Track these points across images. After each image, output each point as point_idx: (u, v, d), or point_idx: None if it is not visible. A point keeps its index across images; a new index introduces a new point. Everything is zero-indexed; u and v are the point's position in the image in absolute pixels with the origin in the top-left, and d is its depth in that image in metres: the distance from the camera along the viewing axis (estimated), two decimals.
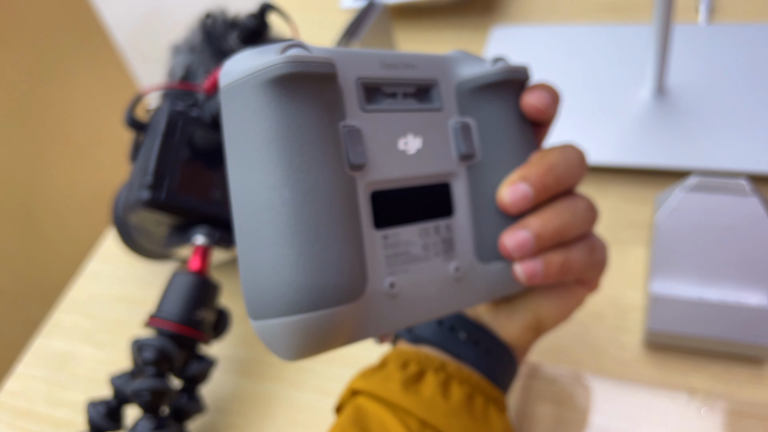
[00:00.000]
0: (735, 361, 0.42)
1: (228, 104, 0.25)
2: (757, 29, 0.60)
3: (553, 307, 0.34)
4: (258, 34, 0.50)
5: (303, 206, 0.24)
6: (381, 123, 0.28)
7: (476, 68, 0.31)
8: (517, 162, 0.31)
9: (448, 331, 0.34)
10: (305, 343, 0.25)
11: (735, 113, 0.53)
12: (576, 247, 0.31)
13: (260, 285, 0.24)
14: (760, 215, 0.41)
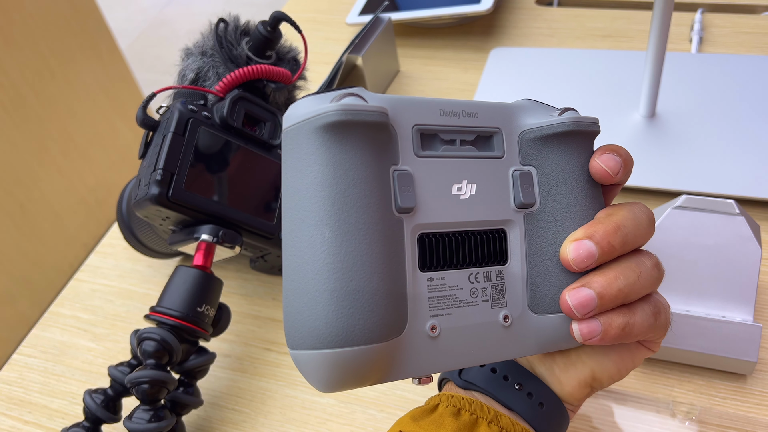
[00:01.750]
0: (719, 376, 0.44)
1: (287, 145, 0.27)
2: (745, 60, 0.63)
3: (611, 366, 0.32)
4: (269, 42, 0.52)
5: (342, 245, 0.25)
6: (435, 168, 0.29)
7: (542, 117, 0.31)
8: (581, 216, 0.30)
9: (502, 380, 0.33)
10: (336, 377, 0.26)
11: (723, 139, 0.56)
12: (640, 309, 0.30)
13: (297, 316, 0.26)
14: (746, 234, 0.43)
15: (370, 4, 0.77)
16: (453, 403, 0.32)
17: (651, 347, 0.33)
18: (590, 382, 0.33)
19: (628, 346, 0.33)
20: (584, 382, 0.33)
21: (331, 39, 0.80)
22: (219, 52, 0.50)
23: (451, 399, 0.32)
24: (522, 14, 0.77)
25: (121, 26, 2.60)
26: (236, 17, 0.53)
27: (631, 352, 0.33)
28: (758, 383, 0.43)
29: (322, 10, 0.86)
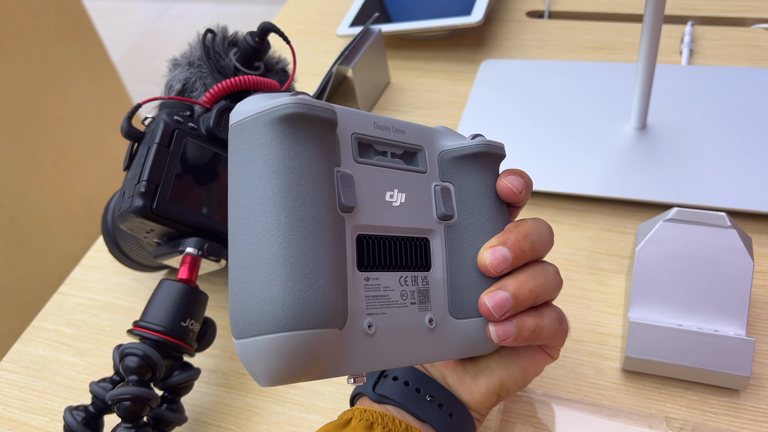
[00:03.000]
0: (712, 391, 0.43)
1: (236, 138, 0.28)
2: (735, 72, 0.62)
3: (518, 373, 0.35)
4: (257, 53, 0.51)
5: (297, 231, 0.26)
6: (371, 175, 0.31)
7: (457, 141, 0.34)
8: (493, 228, 0.34)
9: (415, 392, 0.34)
10: (284, 364, 0.26)
11: (714, 151, 0.55)
12: (547, 314, 0.33)
13: (249, 302, 0.26)
14: (737, 247, 0.43)
15: (360, 15, 0.77)
16: (366, 417, 0.33)
17: (552, 354, 0.36)
18: (498, 390, 0.35)
19: (533, 353, 0.36)
20: (493, 389, 0.35)
21: (321, 50, 0.79)
22: (206, 62, 0.50)
23: (364, 413, 0.33)
24: (513, 26, 0.77)
25: (114, 37, 2.60)
26: (224, 28, 0.52)
27: (535, 359, 0.36)
28: (752, 398, 0.42)
29: (313, 21, 0.85)
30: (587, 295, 0.50)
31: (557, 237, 0.54)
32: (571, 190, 0.55)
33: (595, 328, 0.48)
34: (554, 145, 0.59)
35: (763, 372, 0.44)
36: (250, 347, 0.26)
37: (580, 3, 0.79)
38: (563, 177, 0.56)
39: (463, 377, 0.35)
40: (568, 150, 0.58)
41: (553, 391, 0.45)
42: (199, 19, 2.62)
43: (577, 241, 0.53)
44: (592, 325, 0.48)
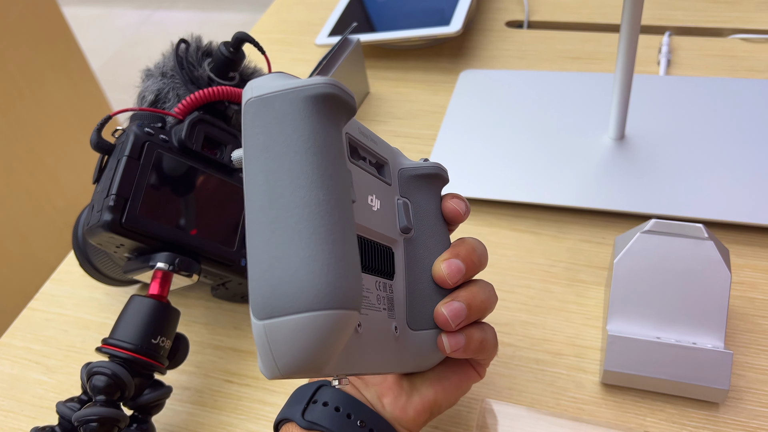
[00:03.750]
0: (691, 404, 0.43)
1: (260, 111, 0.26)
2: (713, 82, 0.63)
3: (452, 390, 0.36)
4: (232, 63, 0.50)
5: (335, 209, 0.26)
6: (358, 176, 0.31)
7: (409, 161, 0.37)
8: (443, 243, 0.35)
9: (345, 418, 0.34)
10: (312, 347, 0.24)
11: (691, 161, 0.55)
12: (488, 329, 0.35)
13: (284, 279, 0.24)
14: (715, 259, 0.42)
15: (340, 25, 0.77)
16: None
17: (480, 372, 0.38)
18: (431, 407, 0.36)
19: (465, 371, 0.37)
20: (428, 407, 0.36)
21: (300, 60, 0.79)
22: (179, 73, 0.49)
23: None
24: (492, 36, 0.77)
25: (95, 45, 2.58)
26: (198, 38, 0.52)
27: (467, 376, 0.37)
28: (731, 411, 0.42)
29: (293, 30, 0.85)
30: (566, 308, 0.49)
31: (536, 248, 0.53)
32: (549, 201, 0.55)
33: (575, 341, 0.47)
34: (533, 156, 0.58)
35: (742, 384, 0.43)
36: (281, 327, 0.24)
37: (559, 13, 0.79)
38: (542, 188, 0.56)
39: (399, 395, 0.35)
40: (547, 160, 0.58)
41: (533, 406, 0.44)
42: (181, 28, 2.61)
43: (556, 253, 0.53)
44: (572, 338, 0.47)
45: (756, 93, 0.60)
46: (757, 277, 0.49)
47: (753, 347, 0.45)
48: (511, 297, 0.50)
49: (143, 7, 2.83)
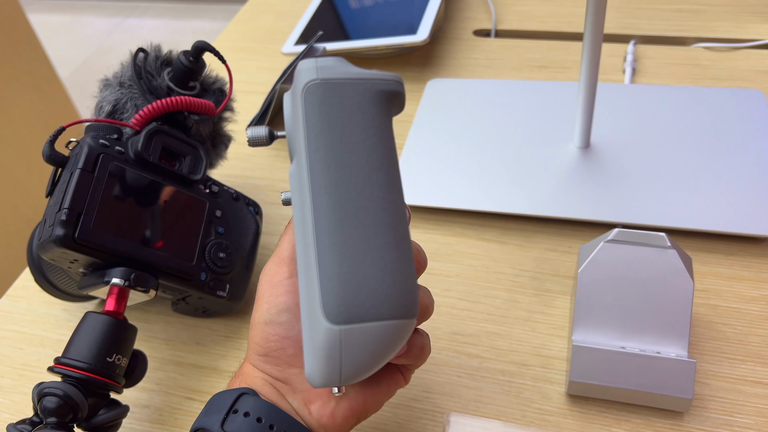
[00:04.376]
0: (656, 413, 0.43)
1: (329, 98, 0.25)
2: (677, 91, 0.63)
3: (380, 394, 0.36)
4: (192, 73, 0.49)
5: (403, 215, 0.25)
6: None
7: None
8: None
9: (268, 429, 0.32)
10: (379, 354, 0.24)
11: (655, 169, 0.55)
12: (425, 334, 0.35)
13: (365, 286, 0.23)
14: (678, 268, 0.42)
15: (307, 33, 0.76)
16: None
17: (407, 377, 0.37)
18: (359, 413, 0.35)
19: (393, 375, 0.36)
20: (355, 412, 0.35)
21: (266, 68, 0.78)
22: (137, 83, 0.48)
23: None
24: (459, 45, 0.77)
25: (64, 53, 2.54)
26: (157, 47, 0.51)
27: (394, 380, 0.36)
28: (695, 420, 0.42)
29: (260, 39, 0.84)
30: (532, 317, 0.49)
31: (503, 257, 0.53)
32: (515, 210, 0.54)
33: (541, 351, 0.47)
34: (499, 165, 0.58)
35: (706, 393, 0.43)
36: (359, 333, 0.24)
37: (526, 22, 0.79)
38: (508, 197, 0.55)
39: (328, 401, 0.34)
40: (514, 169, 0.58)
41: (499, 418, 0.44)
42: (152, 36, 2.58)
43: (523, 262, 0.53)
44: (538, 348, 0.47)
45: (718, 101, 0.61)
46: (720, 285, 0.49)
47: (717, 355, 0.45)
48: (477, 307, 0.50)
49: (114, 14, 2.80)
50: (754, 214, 0.51)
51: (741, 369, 0.44)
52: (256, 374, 0.35)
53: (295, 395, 0.35)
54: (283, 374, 0.35)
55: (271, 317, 0.34)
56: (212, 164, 0.55)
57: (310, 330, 0.24)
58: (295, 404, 0.35)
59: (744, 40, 0.71)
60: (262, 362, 0.35)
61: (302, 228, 0.25)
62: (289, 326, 0.34)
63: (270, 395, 0.34)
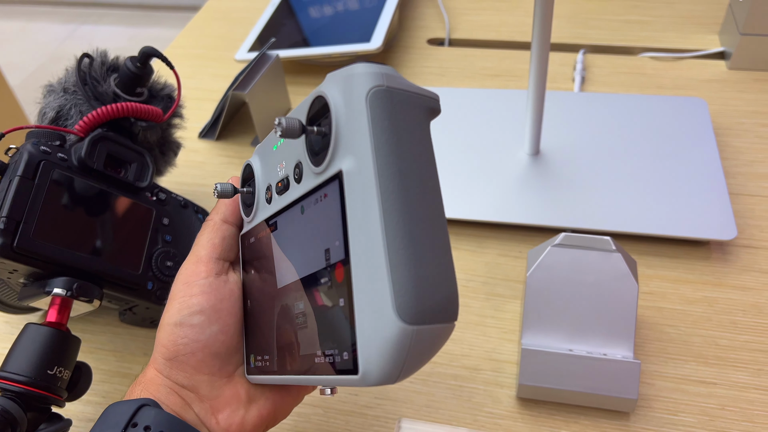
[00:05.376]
0: (603, 414, 0.43)
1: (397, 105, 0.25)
2: (624, 99, 0.65)
3: (291, 401, 0.35)
4: (139, 79, 0.49)
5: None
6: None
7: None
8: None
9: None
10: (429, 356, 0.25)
11: (602, 175, 0.57)
12: None
13: (440, 287, 0.24)
14: (623, 271, 0.43)
15: (262, 41, 0.75)
16: None
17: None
18: (267, 421, 0.34)
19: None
20: (265, 419, 0.34)
21: (220, 75, 0.77)
22: (82, 89, 0.47)
23: None
24: (413, 53, 0.78)
25: (15, 61, 2.47)
26: (103, 52, 0.50)
27: (304, 388, 0.36)
28: (641, 420, 0.43)
29: (214, 46, 0.83)
30: (484, 322, 0.49)
31: (455, 263, 0.53)
32: (468, 216, 0.55)
33: (492, 356, 0.47)
34: (452, 172, 0.59)
35: (651, 393, 0.44)
36: (428, 334, 0.24)
37: (479, 31, 0.80)
38: (461, 203, 0.56)
39: (237, 409, 0.33)
40: (466, 176, 0.58)
41: (450, 422, 0.44)
42: (108, 43, 2.53)
43: (474, 267, 0.53)
44: (489, 353, 0.47)
45: (663, 109, 0.63)
46: (664, 287, 0.50)
47: (661, 356, 0.46)
48: None
49: (68, 21, 2.74)
50: (696, 218, 0.52)
51: (684, 369, 0.45)
52: (160, 381, 0.33)
53: (201, 404, 0.33)
54: (190, 381, 0.33)
55: (182, 318, 0.32)
56: (161, 171, 0.54)
57: (373, 329, 0.24)
58: (201, 414, 0.33)
59: (688, 50, 0.73)
60: (168, 367, 0.33)
61: (363, 226, 0.25)
62: (201, 329, 0.32)
63: (174, 405, 0.32)
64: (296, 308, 0.29)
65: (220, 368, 0.33)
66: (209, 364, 0.33)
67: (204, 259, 0.34)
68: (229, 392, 0.34)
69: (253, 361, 0.34)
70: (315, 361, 0.27)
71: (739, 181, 0.58)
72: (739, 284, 0.50)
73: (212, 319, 0.33)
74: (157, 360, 0.33)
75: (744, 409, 0.43)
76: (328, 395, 0.28)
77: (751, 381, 0.44)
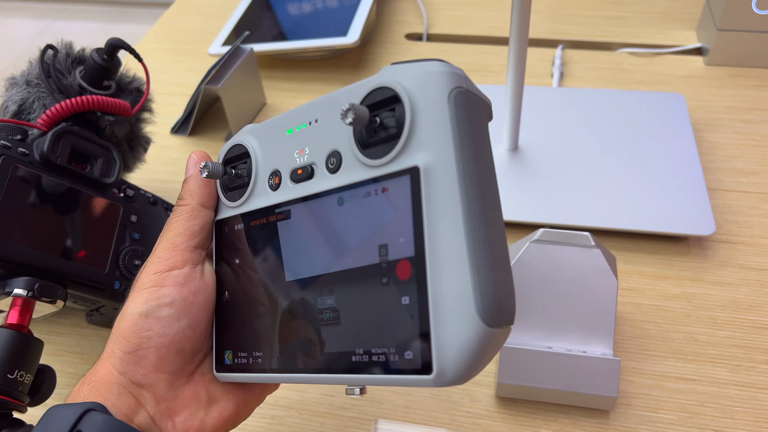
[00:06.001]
0: (583, 413, 0.43)
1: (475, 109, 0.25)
2: (602, 94, 0.64)
3: (253, 401, 0.33)
4: (106, 72, 0.47)
5: None
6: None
7: None
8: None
9: None
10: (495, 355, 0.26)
11: (581, 170, 0.56)
12: None
13: (510, 291, 0.24)
14: (602, 267, 0.43)
15: (235, 34, 0.74)
16: None
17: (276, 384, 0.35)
18: (228, 423, 0.32)
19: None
20: (225, 421, 0.32)
21: (193, 70, 0.75)
22: (45, 81, 0.45)
23: None
24: (391, 48, 0.77)
25: None
26: (69, 44, 0.48)
27: (267, 387, 0.34)
28: (621, 418, 0.42)
29: (187, 40, 0.81)
30: None
31: None
32: None
33: None
34: None
35: (631, 390, 0.44)
36: (501, 336, 0.24)
37: (458, 26, 0.80)
38: None
39: (197, 411, 0.31)
40: None
41: (427, 423, 0.43)
42: (81, 39, 2.48)
43: None
44: None
45: (642, 104, 0.62)
46: (644, 284, 0.50)
47: (641, 353, 0.46)
48: None
49: (41, 17, 2.69)
50: (675, 213, 0.52)
51: (664, 366, 0.45)
52: (113, 379, 0.30)
53: (157, 405, 0.30)
54: (148, 379, 0.30)
55: (149, 309, 0.30)
56: (129, 167, 0.52)
57: (453, 330, 0.23)
58: (156, 416, 0.30)
59: (666, 45, 0.73)
60: (125, 362, 0.30)
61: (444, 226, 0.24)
62: (169, 323, 0.30)
63: (125, 408, 0.29)
64: (320, 303, 0.27)
65: (182, 366, 0.31)
66: (171, 362, 0.30)
67: (180, 247, 0.31)
68: (188, 393, 0.31)
69: (230, 359, 0.32)
70: (352, 359, 0.26)
71: (717, 176, 0.57)
72: (718, 280, 0.50)
73: (182, 313, 0.31)
74: (114, 353, 0.30)
75: (723, 405, 0.43)
76: (356, 396, 0.27)
77: (730, 377, 0.44)
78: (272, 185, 0.31)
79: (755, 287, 0.49)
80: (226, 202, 0.33)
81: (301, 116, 0.30)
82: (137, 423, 0.29)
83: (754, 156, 0.59)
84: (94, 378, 0.30)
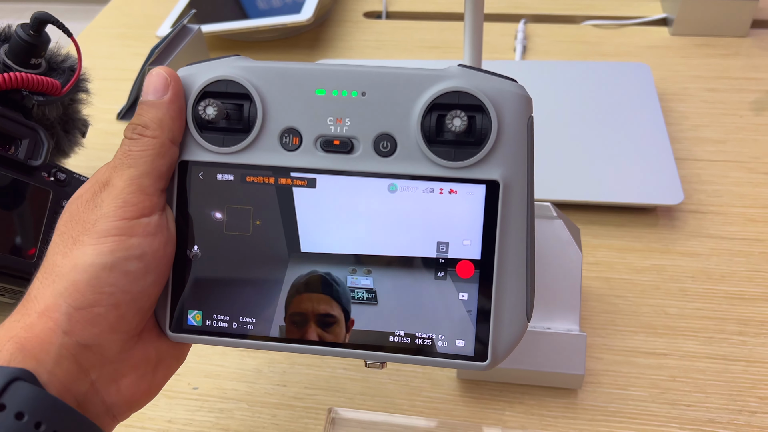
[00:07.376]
0: (549, 393, 0.41)
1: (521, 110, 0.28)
2: (564, 65, 0.62)
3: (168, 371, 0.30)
4: (33, 48, 0.44)
5: None
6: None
7: None
8: None
9: (34, 428, 0.23)
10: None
11: (543, 143, 0.54)
12: None
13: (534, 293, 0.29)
14: (565, 238, 0.41)
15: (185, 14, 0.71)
16: None
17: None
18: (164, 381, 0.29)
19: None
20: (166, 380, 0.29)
21: (141, 54, 0.72)
22: None
23: None
24: (349, 27, 0.74)
25: None
26: None
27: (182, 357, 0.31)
28: (589, 397, 0.40)
29: (137, 24, 0.78)
30: None
31: None
32: None
33: None
34: None
35: (599, 367, 0.42)
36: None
37: (417, 3, 0.77)
38: None
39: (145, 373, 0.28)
40: None
41: (386, 410, 0.40)
42: None
43: None
44: None
45: (607, 75, 0.60)
46: (611, 257, 0.48)
47: (609, 328, 0.44)
48: None
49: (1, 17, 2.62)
50: (642, 184, 0.50)
51: (633, 341, 0.43)
52: (54, 339, 0.24)
53: (103, 368, 0.26)
54: (98, 340, 0.26)
55: (115, 261, 0.25)
56: (65, 152, 0.49)
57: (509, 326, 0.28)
58: (99, 381, 0.26)
59: (631, 17, 0.71)
60: (74, 319, 0.25)
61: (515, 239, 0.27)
62: (134, 279, 0.26)
63: (63, 375, 0.25)
64: (353, 282, 0.28)
65: (137, 326, 0.27)
66: (129, 321, 0.26)
67: (149, 190, 0.26)
68: (139, 354, 0.28)
69: (196, 319, 0.29)
70: (389, 339, 0.28)
71: (685, 146, 0.56)
72: (688, 250, 0.48)
73: (150, 267, 0.26)
74: (59, 307, 0.25)
75: (696, 379, 0.41)
76: (378, 369, 0.30)
77: (702, 350, 0.42)
78: (287, 144, 0.28)
79: (726, 257, 0.47)
80: (204, 144, 0.28)
81: (340, 81, 0.27)
82: (75, 393, 0.25)
83: (721, 124, 0.57)
84: (25, 335, 0.24)
